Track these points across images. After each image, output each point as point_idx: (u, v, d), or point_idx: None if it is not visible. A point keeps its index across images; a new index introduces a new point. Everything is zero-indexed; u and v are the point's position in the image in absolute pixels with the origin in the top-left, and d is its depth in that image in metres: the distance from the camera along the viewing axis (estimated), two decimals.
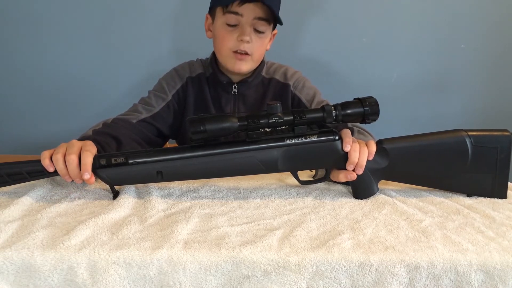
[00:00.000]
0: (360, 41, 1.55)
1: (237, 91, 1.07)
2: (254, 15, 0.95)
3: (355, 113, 0.74)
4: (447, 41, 1.55)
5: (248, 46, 0.97)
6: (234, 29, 0.97)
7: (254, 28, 0.97)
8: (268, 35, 1.01)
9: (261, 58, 1.05)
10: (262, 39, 1.00)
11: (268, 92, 1.09)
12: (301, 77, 1.11)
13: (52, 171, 0.72)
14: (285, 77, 1.10)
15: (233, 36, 0.97)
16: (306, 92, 1.09)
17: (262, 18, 0.96)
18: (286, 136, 0.74)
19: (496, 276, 0.57)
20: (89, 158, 0.71)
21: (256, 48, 0.99)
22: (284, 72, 1.10)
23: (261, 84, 1.09)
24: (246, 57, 0.99)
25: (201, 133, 0.70)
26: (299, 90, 1.09)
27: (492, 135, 0.77)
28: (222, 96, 1.08)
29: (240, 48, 0.97)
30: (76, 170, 0.70)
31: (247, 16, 0.95)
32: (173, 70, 1.11)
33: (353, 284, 0.57)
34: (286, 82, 1.09)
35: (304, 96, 1.08)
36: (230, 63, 1.01)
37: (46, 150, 0.73)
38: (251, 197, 0.77)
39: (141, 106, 1.03)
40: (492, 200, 0.78)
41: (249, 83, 1.07)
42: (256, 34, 0.98)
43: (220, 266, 0.57)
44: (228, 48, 0.99)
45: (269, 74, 1.10)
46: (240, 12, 0.95)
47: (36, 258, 0.55)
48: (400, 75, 1.59)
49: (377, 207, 0.73)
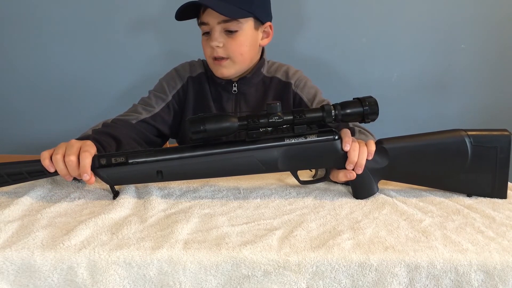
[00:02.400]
0: (360, 41, 1.55)
1: (237, 89, 1.07)
2: (217, 19, 0.96)
3: (354, 113, 0.74)
4: (447, 41, 1.55)
5: (221, 51, 0.98)
6: (208, 37, 0.99)
7: (226, 30, 0.97)
8: (246, 32, 0.99)
9: (246, 58, 1.02)
10: (236, 38, 0.98)
11: (269, 91, 1.09)
12: (302, 76, 1.11)
13: (53, 171, 0.72)
14: (286, 76, 1.09)
15: (208, 44, 0.99)
16: (308, 91, 1.09)
17: (225, 20, 0.96)
18: (286, 136, 0.74)
19: (496, 276, 0.57)
20: (87, 159, 0.71)
21: (232, 49, 0.99)
22: (286, 71, 1.10)
23: (262, 82, 1.09)
24: (224, 62, 1.00)
25: (201, 133, 0.70)
26: (301, 89, 1.09)
27: (491, 134, 0.77)
28: (223, 95, 1.08)
29: (214, 55, 0.99)
30: (76, 171, 0.71)
31: (212, 22, 0.97)
32: (174, 70, 1.11)
33: (353, 284, 0.57)
34: (287, 81, 1.09)
35: (306, 95, 1.08)
36: (214, 69, 1.03)
37: (46, 151, 0.73)
38: (251, 197, 0.77)
39: (140, 107, 1.03)
40: (492, 200, 0.78)
41: (248, 80, 1.06)
42: (228, 35, 0.98)
43: (220, 266, 0.57)
44: (208, 56, 1.02)
45: (270, 73, 1.10)
46: (205, 21, 0.98)
47: (36, 258, 0.55)
48: (400, 75, 1.59)
49: (377, 207, 0.73)
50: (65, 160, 0.70)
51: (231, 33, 0.97)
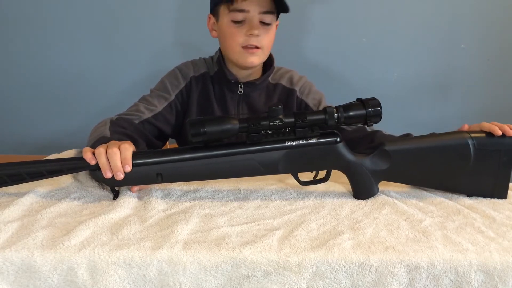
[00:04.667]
0: (360, 41, 1.55)
1: (243, 91, 1.07)
2: (260, 9, 0.96)
3: (357, 116, 0.73)
4: (447, 41, 1.55)
5: (257, 40, 0.98)
6: (241, 25, 0.98)
7: (260, 21, 0.98)
8: (273, 27, 1.02)
9: (269, 50, 1.05)
10: (269, 30, 1.00)
11: (273, 97, 1.09)
12: (307, 82, 1.12)
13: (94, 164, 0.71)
14: (291, 83, 1.10)
15: (241, 31, 0.98)
16: (313, 97, 1.09)
17: (267, 11, 0.97)
18: (287, 138, 0.73)
19: (496, 277, 0.57)
20: (129, 151, 0.72)
21: (266, 41, 1.00)
22: (290, 78, 1.11)
23: (266, 88, 1.09)
24: (257, 51, 1.00)
25: (201, 135, 0.70)
26: (306, 96, 1.09)
27: (495, 137, 0.76)
28: (227, 95, 1.08)
29: (250, 43, 0.98)
30: (118, 163, 0.71)
31: (253, 11, 0.96)
32: (177, 69, 1.10)
33: (353, 284, 0.57)
34: (292, 88, 1.09)
35: (311, 101, 1.09)
36: (242, 58, 1.01)
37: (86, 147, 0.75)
38: (252, 197, 0.77)
39: (143, 106, 1.02)
40: (492, 200, 0.78)
41: (255, 85, 1.07)
42: (263, 26, 0.99)
43: (220, 266, 0.57)
44: (238, 44, 0.99)
45: (275, 80, 1.11)
46: (245, 8, 0.96)
47: (36, 259, 0.55)
48: (400, 75, 1.59)
49: (377, 207, 0.73)
50: (107, 152, 0.71)
51: (266, 25, 0.99)
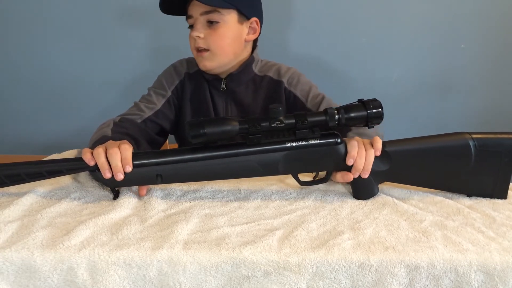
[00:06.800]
0: (360, 41, 1.55)
1: (226, 87, 1.07)
2: (200, 10, 0.98)
3: (358, 117, 0.72)
4: (447, 41, 1.55)
5: (202, 42, 0.99)
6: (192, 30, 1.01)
7: (208, 21, 0.99)
8: (228, 25, 0.99)
9: (227, 51, 1.02)
10: (217, 30, 0.98)
11: (260, 90, 1.08)
12: (295, 73, 1.09)
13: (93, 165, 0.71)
14: (278, 74, 1.08)
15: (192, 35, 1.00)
16: (301, 88, 1.07)
17: (207, 11, 0.97)
18: (288, 140, 0.73)
19: (496, 277, 0.57)
20: (129, 151, 0.72)
21: (213, 41, 0.99)
22: (278, 69, 1.09)
23: (252, 81, 1.08)
24: (204, 53, 1.00)
25: (201, 137, 0.69)
26: (294, 86, 1.07)
27: (497, 138, 0.75)
28: (213, 93, 1.09)
29: (195, 45, 1.00)
30: (119, 163, 0.71)
31: (195, 14, 0.99)
32: (171, 66, 1.12)
33: (353, 285, 0.57)
34: (279, 79, 1.07)
35: (299, 91, 1.06)
36: (198, 62, 1.04)
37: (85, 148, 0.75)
38: (252, 198, 0.77)
39: (143, 105, 1.04)
40: (492, 200, 0.77)
41: (236, 77, 1.06)
42: (209, 26, 0.99)
43: (220, 266, 0.57)
44: (192, 48, 1.03)
45: (262, 72, 1.09)
46: (189, 13, 1.00)
47: (36, 259, 0.55)
48: (400, 75, 1.59)
49: (377, 207, 0.73)
50: (107, 153, 0.71)
51: (212, 24, 0.98)
